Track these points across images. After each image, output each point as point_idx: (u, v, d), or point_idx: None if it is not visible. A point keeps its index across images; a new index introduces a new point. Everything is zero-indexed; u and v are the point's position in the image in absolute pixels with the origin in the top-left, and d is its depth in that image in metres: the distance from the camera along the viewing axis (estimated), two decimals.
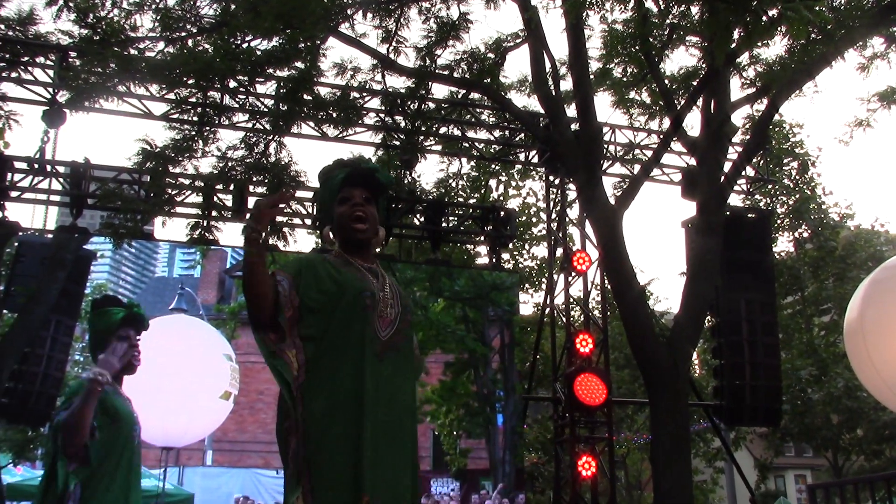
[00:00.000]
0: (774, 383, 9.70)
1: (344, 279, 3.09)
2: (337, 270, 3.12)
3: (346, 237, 3.23)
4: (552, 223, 10.74)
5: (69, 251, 9.30)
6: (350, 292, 3.06)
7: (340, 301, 3.04)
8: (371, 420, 2.93)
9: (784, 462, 28.64)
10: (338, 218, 3.23)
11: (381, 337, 3.06)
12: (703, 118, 8.70)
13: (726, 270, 9.53)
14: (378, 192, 3.33)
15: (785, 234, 19.30)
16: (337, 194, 3.25)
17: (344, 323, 3.03)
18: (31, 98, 9.09)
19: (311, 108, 9.10)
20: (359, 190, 3.24)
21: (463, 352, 11.44)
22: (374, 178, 3.30)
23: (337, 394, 2.97)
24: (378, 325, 3.07)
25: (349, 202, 3.21)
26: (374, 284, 3.13)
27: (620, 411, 19.94)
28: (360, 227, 3.19)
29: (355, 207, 3.20)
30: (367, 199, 3.25)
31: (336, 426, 2.93)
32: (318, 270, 3.10)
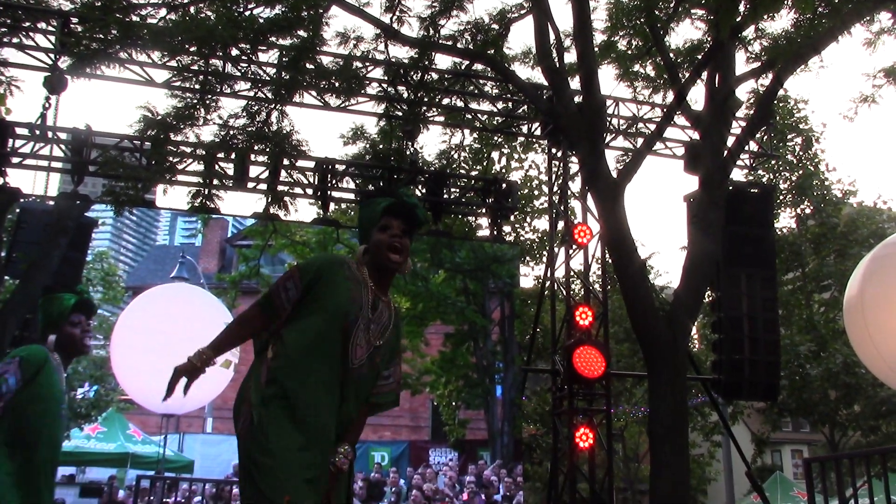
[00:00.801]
0: (773, 358, 9.73)
1: (342, 296, 3.28)
2: (344, 282, 3.31)
3: (379, 263, 3.41)
4: (554, 196, 10.72)
5: (71, 218, 9.29)
6: (340, 309, 3.26)
7: (330, 313, 3.24)
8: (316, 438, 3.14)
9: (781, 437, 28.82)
10: (375, 243, 3.41)
11: (350, 365, 3.25)
12: (708, 92, 8.65)
13: (727, 245, 9.51)
14: (414, 226, 3.52)
15: (787, 210, 19.30)
16: (378, 220, 3.43)
17: (324, 327, 3.24)
18: (33, 64, 9.05)
19: (314, 78, 9.05)
20: (398, 221, 3.43)
21: (463, 323, 11.48)
22: (413, 214, 3.48)
23: (292, 397, 3.16)
24: (352, 352, 3.25)
25: (388, 231, 3.40)
26: (367, 312, 3.31)
27: (619, 384, 20.04)
28: (394, 258, 3.39)
29: (393, 238, 3.38)
30: (405, 232, 3.44)
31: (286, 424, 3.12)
32: (334, 274, 3.32)
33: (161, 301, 11.28)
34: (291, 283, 3.28)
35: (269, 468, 3.04)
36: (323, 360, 3.21)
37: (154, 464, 11.86)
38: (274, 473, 3.03)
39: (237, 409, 3.28)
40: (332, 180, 10.12)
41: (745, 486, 22.86)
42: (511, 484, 10.28)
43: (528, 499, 15.40)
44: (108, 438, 12.93)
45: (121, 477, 12.25)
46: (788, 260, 18.67)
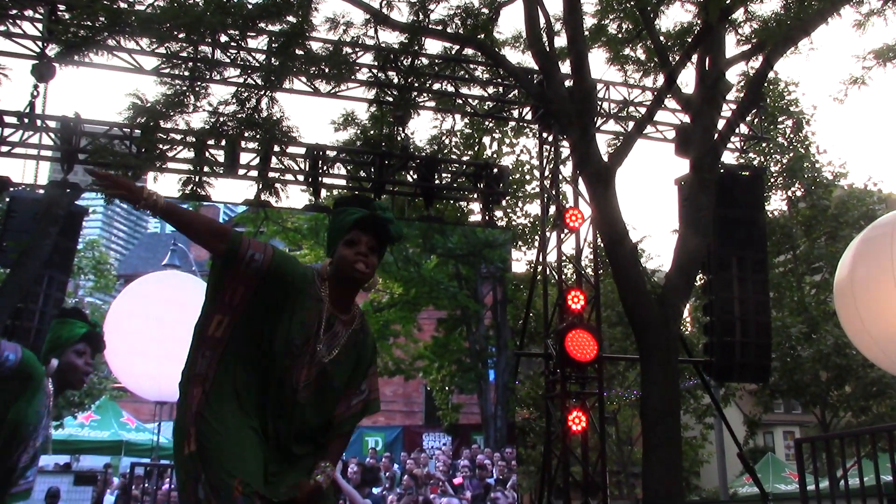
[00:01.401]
0: (764, 340, 9.79)
1: (299, 314, 3.13)
2: (301, 295, 3.14)
3: (342, 276, 3.22)
4: (545, 180, 10.73)
5: (61, 207, 9.26)
6: (291, 331, 3.11)
7: (283, 332, 3.09)
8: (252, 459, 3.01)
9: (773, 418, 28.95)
10: (339, 258, 3.22)
11: (296, 385, 3.12)
12: (698, 75, 8.66)
13: (719, 228, 9.56)
14: (386, 242, 3.34)
15: (778, 193, 19.32)
16: (346, 233, 3.23)
17: (273, 349, 3.09)
18: (20, 52, 9.00)
19: (303, 64, 9.03)
20: (367, 237, 3.23)
21: (455, 308, 11.49)
22: (385, 230, 3.28)
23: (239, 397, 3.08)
24: (296, 376, 3.12)
25: (354, 247, 3.21)
26: (318, 338, 3.16)
27: (612, 368, 20.11)
28: (360, 271, 3.19)
29: (358, 256, 3.19)
30: (373, 249, 3.24)
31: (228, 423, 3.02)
32: (293, 285, 3.13)
33: (153, 289, 11.28)
34: (260, 257, 3.07)
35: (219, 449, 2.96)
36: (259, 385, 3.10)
37: (148, 451, 11.90)
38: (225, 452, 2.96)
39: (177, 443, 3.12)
40: (324, 167, 10.11)
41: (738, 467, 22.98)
42: (504, 467, 10.33)
43: (521, 482, 15.47)
44: (102, 426, 12.96)
45: (115, 464, 12.28)
46: (779, 242, 18.71)
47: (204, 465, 2.94)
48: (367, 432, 10.99)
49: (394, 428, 11.66)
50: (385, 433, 11.40)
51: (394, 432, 11.53)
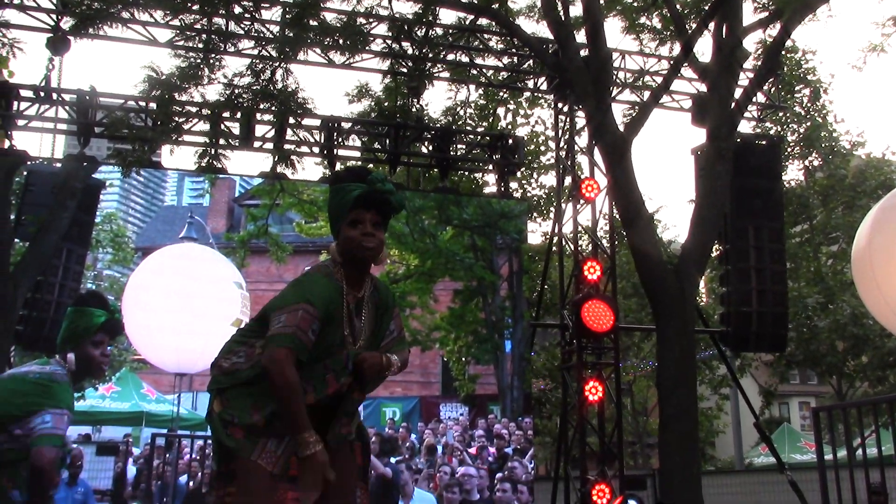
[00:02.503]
0: (781, 310, 9.75)
1: (332, 323, 3.12)
2: (336, 310, 3.14)
3: (352, 257, 3.20)
4: (560, 151, 10.67)
5: (78, 180, 9.32)
6: (331, 342, 3.11)
7: (322, 346, 3.08)
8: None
9: (788, 389, 28.97)
10: (345, 241, 3.18)
11: (335, 386, 3.14)
12: (715, 43, 8.57)
13: (735, 198, 9.50)
14: (389, 214, 3.28)
15: (795, 162, 19.18)
16: (347, 212, 3.17)
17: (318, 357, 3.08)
18: (35, 25, 9.00)
19: (318, 35, 9.00)
20: (370, 213, 3.17)
21: (471, 279, 11.52)
22: (387, 203, 3.22)
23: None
24: (339, 382, 3.14)
25: (359, 227, 3.16)
26: (355, 329, 3.20)
27: (627, 339, 20.11)
28: (368, 248, 3.16)
29: (365, 236, 3.16)
30: (377, 224, 3.20)
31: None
32: (333, 309, 3.13)
33: (171, 261, 11.34)
34: (314, 319, 3.02)
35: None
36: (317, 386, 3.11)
37: (168, 422, 12.03)
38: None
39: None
40: (339, 138, 10.09)
41: (753, 438, 23.07)
42: (521, 437, 10.40)
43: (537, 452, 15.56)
44: (123, 398, 13.10)
45: (136, 435, 12.43)
46: (796, 212, 18.60)
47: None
48: (385, 403, 11.09)
49: (411, 398, 11.75)
50: (402, 404, 11.50)
51: (411, 403, 11.63)
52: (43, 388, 4.07)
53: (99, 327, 4.30)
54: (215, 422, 3.14)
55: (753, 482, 14.57)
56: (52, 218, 9.04)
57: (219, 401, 3.18)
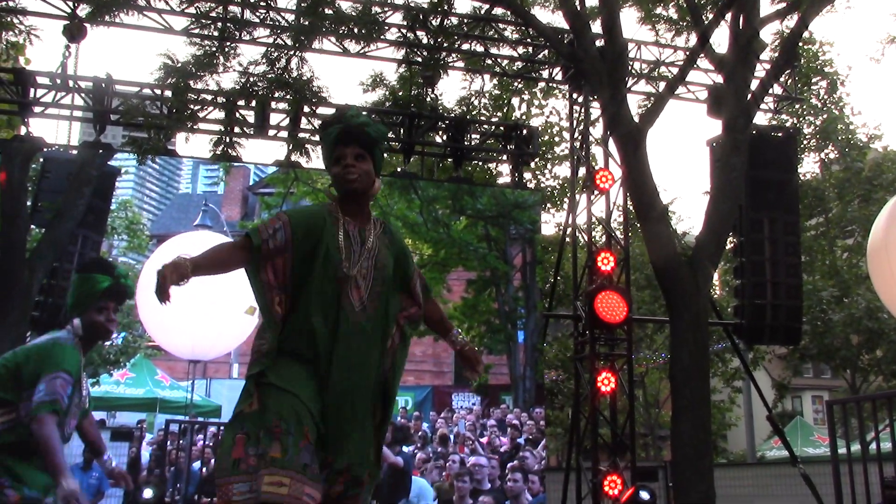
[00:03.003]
0: (795, 303, 9.72)
1: (331, 246, 3.24)
2: (328, 232, 3.26)
3: (342, 192, 3.37)
4: (575, 141, 10.65)
5: (94, 167, 9.37)
6: (331, 262, 3.21)
7: (319, 266, 3.20)
8: (332, 384, 3.15)
9: (802, 383, 28.87)
10: (333, 178, 3.38)
11: (354, 307, 3.23)
12: (731, 34, 8.51)
13: (751, 190, 9.47)
14: (371, 146, 3.40)
15: (811, 155, 19.04)
16: (332, 153, 3.37)
17: (320, 288, 3.20)
18: (51, 12, 9.04)
19: (333, 23, 9.00)
20: (350, 148, 3.34)
21: (485, 269, 11.51)
22: (364, 135, 3.37)
23: (303, 353, 3.17)
24: (351, 297, 3.23)
25: (341, 162, 3.33)
26: (354, 254, 3.28)
27: (640, 331, 20.08)
28: (351, 179, 3.30)
29: (346, 168, 3.31)
30: (359, 156, 3.34)
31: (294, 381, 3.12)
32: (316, 226, 3.27)
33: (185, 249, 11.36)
34: (280, 227, 3.20)
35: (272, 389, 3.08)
36: (324, 316, 3.18)
37: (182, 408, 12.09)
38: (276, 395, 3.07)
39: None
40: None
41: (766, 432, 23.02)
42: (533, 427, 10.40)
43: (548, 443, 15.58)
44: (137, 384, 13.18)
45: (150, 421, 12.50)
46: (812, 205, 18.49)
47: (263, 422, 3.02)
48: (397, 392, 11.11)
49: (423, 388, 11.76)
50: (415, 393, 11.51)
51: (423, 392, 11.64)
52: (43, 353, 4.12)
53: (103, 292, 4.32)
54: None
55: (766, 475, 14.54)
56: (68, 205, 9.09)
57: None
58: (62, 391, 4.00)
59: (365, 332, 3.25)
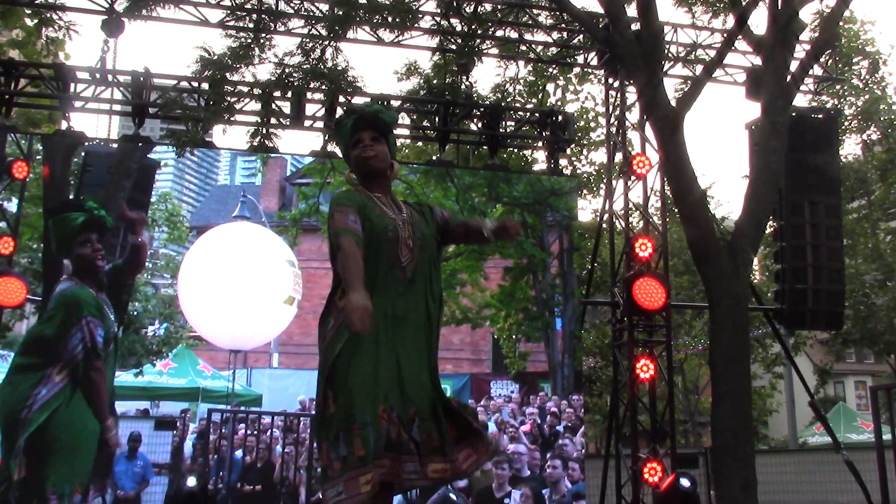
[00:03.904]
0: (837, 287, 9.59)
1: (372, 215, 3.51)
2: (368, 205, 3.55)
3: (363, 172, 3.69)
4: (611, 127, 10.57)
5: (134, 160, 9.49)
6: (378, 225, 3.49)
7: (370, 234, 3.45)
8: (389, 337, 3.38)
9: (844, 368, 28.47)
10: (353, 160, 3.71)
11: (402, 263, 3.50)
12: (770, 15, 8.37)
13: (791, 173, 9.34)
14: (385, 130, 3.73)
15: (852, 136, 18.69)
16: (350, 139, 3.70)
17: (374, 251, 3.45)
18: (90, 7, 9.15)
19: (367, 13, 9.00)
20: (366, 132, 3.67)
21: (522, 257, 11.50)
22: (378, 120, 3.71)
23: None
24: (401, 254, 3.50)
25: (359, 146, 3.66)
26: (395, 217, 3.58)
27: (679, 317, 19.93)
28: (369, 157, 3.64)
29: (364, 148, 3.64)
30: (375, 139, 3.67)
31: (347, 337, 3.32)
32: (360, 201, 3.55)
33: (224, 240, 11.50)
34: (348, 211, 3.43)
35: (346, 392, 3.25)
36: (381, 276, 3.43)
37: (224, 398, 12.25)
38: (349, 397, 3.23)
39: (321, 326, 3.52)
40: None
41: (807, 418, 22.74)
42: (573, 415, 10.39)
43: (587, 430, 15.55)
44: (179, 374, 13.37)
45: (193, 410, 12.69)
46: (853, 188, 18.17)
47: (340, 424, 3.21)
48: None
49: (462, 375, 11.81)
50: (453, 381, 11.56)
51: (462, 380, 11.68)
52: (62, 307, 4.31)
53: (79, 228, 4.45)
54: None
55: (808, 462, 14.37)
56: (110, 198, 9.21)
57: None
58: (96, 333, 4.22)
59: (415, 286, 3.52)
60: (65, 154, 9.60)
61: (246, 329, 9.95)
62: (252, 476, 10.04)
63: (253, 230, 12.52)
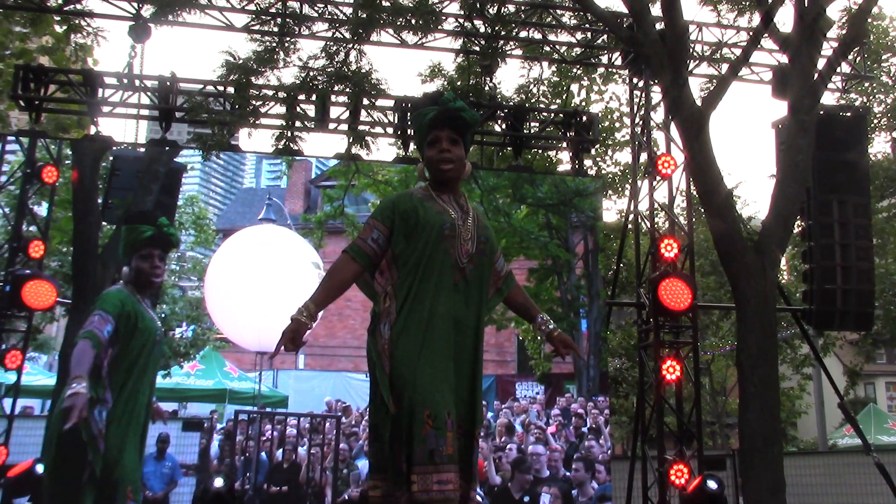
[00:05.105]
0: (867, 287, 9.47)
1: (426, 213, 3.39)
2: (422, 205, 3.42)
3: (435, 177, 3.52)
4: (636, 127, 10.52)
5: (161, 164, 9.60)
6: (432, 225, 3.36)
7: (423, 233, 3.35)
8: (438, 340, 3.29)
9: (875, 369, 28.17)
10: (427, 161, 3.52)
11: (459, 265, 3.39)
12: (797, 12, 8.31)
13: (818, 172, 9.25)
14: (465, 130, 3.53)
15: (882, 134, 18.45)
16: (426, 135, 3.49)
17: (426, 252, 3.34)
18: (117, 14, 9.25)
19: (390, 15, 9.03)
20: (446, 132, 3.46)
21: (546, 258, 11.47)
22: (460, 119, 3.49)
23: (413, 314, 3.30)
24: (459, 253, 3.39)
25: (436, 146, 3.46)
26: (456, 217, 3.44)
27: (705, 318, 19.80)
28: (446, 168, 3.47)
29: (442, 153, 3.45)
30: (454, 141, 3.47)
31: (405, 340, 3.28)
32: (406, 206, 3.41)
33: (250, 242, 11.58)
34: (375, 227, 3.38)
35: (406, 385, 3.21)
36: (436, 274, 3.34)
37: (251, 399, 12.32)
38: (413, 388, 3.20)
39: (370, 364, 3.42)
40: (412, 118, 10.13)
41: (837, 419, 22.53)
42: (598, 416, 10.36)
43: (613, 432, 15.48)
44: (207, 375, 13.47)
45: (220, 412, 12.78)
46: (883, 186, 17.96)
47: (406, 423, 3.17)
48: None
49: (487, 377, 11.77)
50: None
51: (487, 381, 11.65)
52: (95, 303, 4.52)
53: (145, 242, 4.59)
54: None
55: (838, 464, 14.22)
56: (137, 201, 9.32)
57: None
58: (99, 326, 4.35)
59: (471, 289, 3.43)
60: (93, 158, 9.72)
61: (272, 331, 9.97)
62: (278, 477, 10.09)
63: (278, 232, 12.59)
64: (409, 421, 3.15)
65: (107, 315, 4.45)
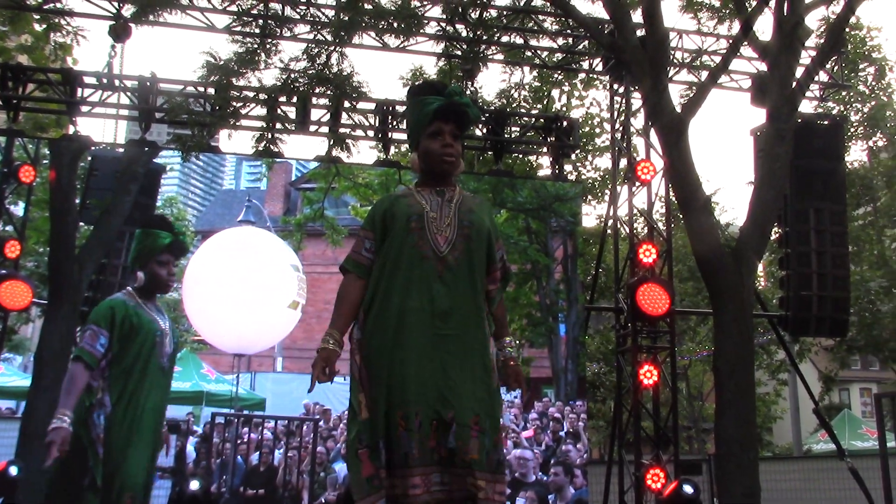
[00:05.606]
0: (842, 294, 9.56)
1: (398, 209, 3.32)
2: (396, 202, 3.36)
3: (432, 169, 3.41)
4: (616, 132, 10.58)
5: (140, 165, 9.53)
6: (398, 220, 3.28)
7: (392, 230, 3.29)
8: (414, 336, 3.18)
9: (849, 375, 28.41)
10: (426, 152, 3.39)
11: (438, 254, 3.25)
12: (776, 21, 8.38)
13: (796, 179, 9.33)
14: (467, 127, 3.50)
15: (858, 143, 18.69)
16: (428, 125, 3.35)
17: (396, 246, 3.27)
18: (97, 13, 9.19)
19: (372, 18, 9.03)
20: (450, 126, 3.35)
21: (526, 262, 11.49)
22: (465, 116, 3.41)
23: (383, 312, 3.23)
24: (435, 243, 3.25)
25: (439, 139, 3.34)
26: (427, 207, 3.32)
27: (683, 323, 19.91)
28: (449, 161, 3.37)
29: (446, 147, 3.34)
30: (455, 135, 3.38)
31: (377, 340, 3.22)
32: (384, 207, 3.38)
33: (229, 244, 11.53)
34: (365, 237, 3.35)
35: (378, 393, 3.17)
36: (404, 269, 3.24)
37: (228, 401, 12.25)
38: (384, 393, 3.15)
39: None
40: (393, 122, 10.13)
41: (812, 424, 22.70)
42: (575, 420, 10.38)
43: (590, 436, 15.54)
44: (184, 377, 13.35)
45: (197, 414, 12.70)
46: (859, 194, 18.16)
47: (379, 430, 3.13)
48: None
49: None
50: None
51: None
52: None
53: (164, 248, 4.62)
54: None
55: (812, 469, 14.32)
56: (116, 202, 9.26)
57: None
58: (90, 341, 4.37)
59: (460, 277, 3.26)
60: (72, 158, 9.63)
61: (250, 333, 9.98)
62: (255, 480, 10.04)
63: (257, 234, 12.54)
64: (385, 424, 3.11)
65: (98, 329, 4.47)
